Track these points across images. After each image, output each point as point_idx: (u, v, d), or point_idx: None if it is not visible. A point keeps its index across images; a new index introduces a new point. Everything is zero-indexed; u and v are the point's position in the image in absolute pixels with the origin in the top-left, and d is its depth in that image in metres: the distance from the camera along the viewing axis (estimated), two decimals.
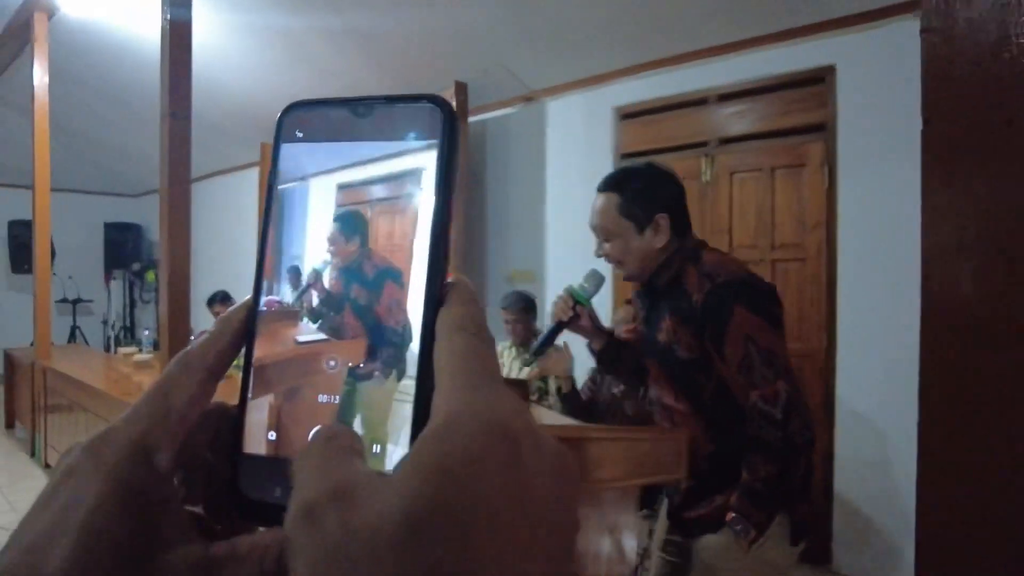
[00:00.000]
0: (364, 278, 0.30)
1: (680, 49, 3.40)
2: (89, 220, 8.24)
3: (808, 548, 1.58)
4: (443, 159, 0.30)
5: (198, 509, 0.28)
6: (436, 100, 0.31)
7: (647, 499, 1.88)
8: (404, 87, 4.44)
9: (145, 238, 8.42)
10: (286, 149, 0.33)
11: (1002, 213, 0.85)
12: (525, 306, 3.22)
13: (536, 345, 1.61)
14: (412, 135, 0.31)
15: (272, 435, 0.28)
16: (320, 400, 0.28)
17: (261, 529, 0.27)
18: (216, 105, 5.14)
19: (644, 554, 2.47)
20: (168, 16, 2.78)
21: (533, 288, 4.13)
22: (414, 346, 0.27)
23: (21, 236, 7.53)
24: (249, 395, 0.29)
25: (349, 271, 0.30)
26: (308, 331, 0.31)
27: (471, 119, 4.21)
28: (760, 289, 1.41)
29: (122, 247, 8.11)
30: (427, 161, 0.30)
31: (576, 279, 1.54)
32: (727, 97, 3.32)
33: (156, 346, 4.80)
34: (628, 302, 2.87)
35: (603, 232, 1.52)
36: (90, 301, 8.16)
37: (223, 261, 6.99)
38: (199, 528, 0.26)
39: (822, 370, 3.00)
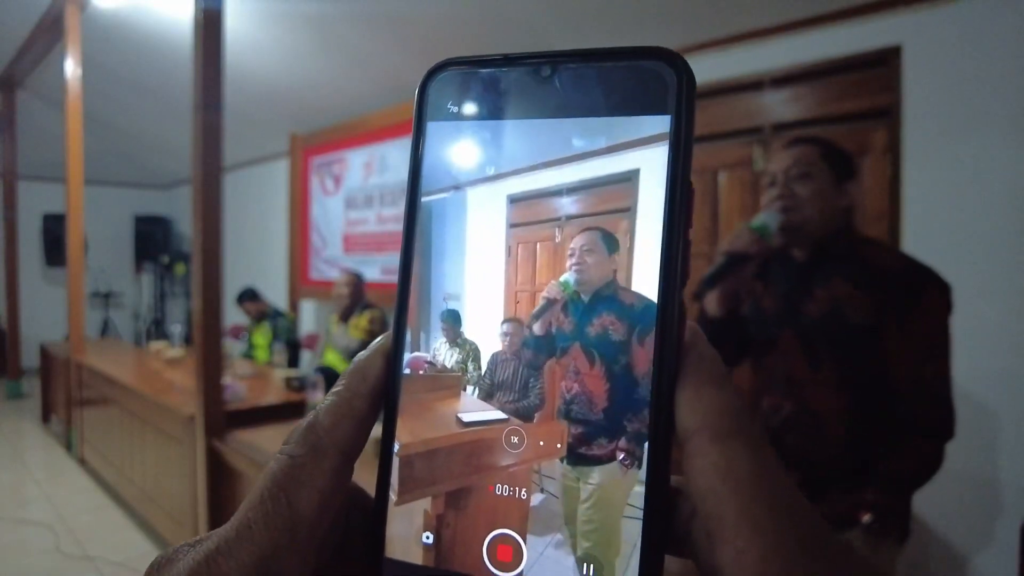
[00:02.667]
0: (620, 313, 0.18)
1: (731, 30, 3.23)
2: (119, 212, 8.29)
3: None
4: (677, 150, 0.19)
5: None
6: (667, 56, 0.21)
7: None
8: None
9: (174, 230, 8.44)
10: (434, 130, 0.22)
11: None
12: None
13: (706, 278, 1.47)
14: (629, 106, 0.20)
15: (428, 537, 0.21)
16: (498, 494, 0.20)
17: None
18: (245, 94, 5.07)
19: None
20: (201, 6, 2.69)
21: None
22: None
23: (55, 229, 7.59)
24: (393, 484, 0.21)
25: (595, 302, 0.19)
26: (475, 407, 0.21)
27: None
28: (944, 281, 1.40)
29: (152, 240, 8.14)
30: (650, 153, 0.19)
31: None
32: (781, 81, 3.14)
33: (187, 340, 4.77)
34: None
35: (799, 167, 1.43)
36: (121, 294, 8.22)
37: (252, 253, 6.96)
38: None
39: None
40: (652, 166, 0.19)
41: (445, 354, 0.21)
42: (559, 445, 0.19)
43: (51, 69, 5.78)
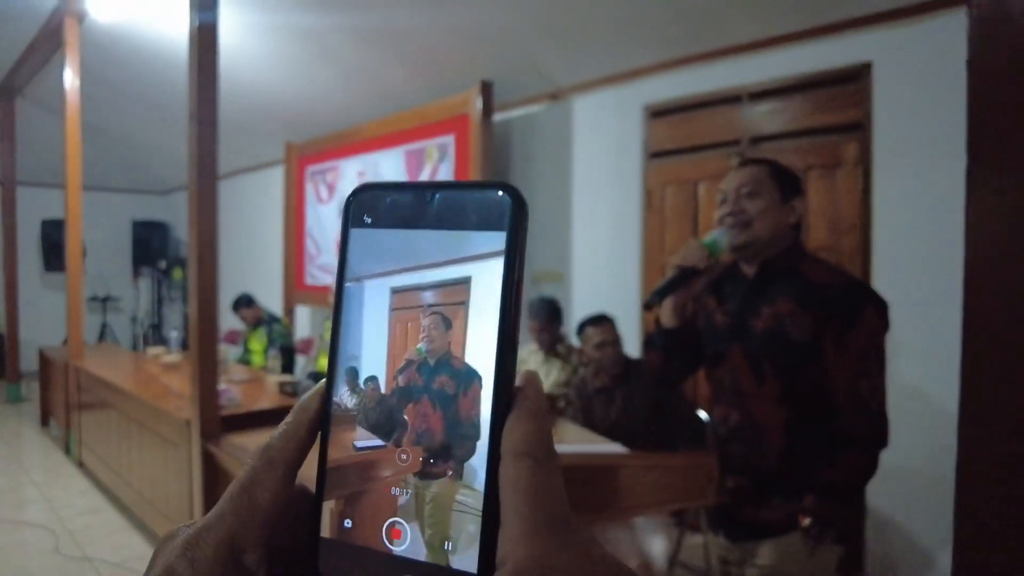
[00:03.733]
0: (455, 374, 0.28)
1: (712, 45, 3.33)
2: (117, 218, 8.37)
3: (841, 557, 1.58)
4: (510, 255, 0.28)
5: None
6: (506, 188, 0.30)
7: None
8: (430, 85, 4.42)
9: (172, 235, 8.53)
10: (354, 235, 0.31)
11: None
12: (550, 315, 3.20)
13: (659, 289, 1.57)
14: (479, 224, 0.29)
15: (348, 523, 0.29)
16: (392, 493, 0.28)
17: None
18: (241, 104, 5.16)
19: (671, 565, 2.45)
20: (196, 22, 2.78)
21: (559, 288, 4.10)
22: (480, 448, 0.27)
23: (53, 235, 7.66)
24: (329, 487, 0.29)
25: (437, 365, 0.28)
26: (364, 436, 0.30)
27: (496, 117, 4.17)
28: (882, 299, 1.48)
29: (149, 244, 8.22)
30: (495, 254, 0.28)
31: (604, 279, 1.46)
32: (759, 95, 3.25)
33: (184, 346, 4.86)
34: (587, 324, 2.83)
35: (747, 188, 1.51)
36: (119, 298, 8.30)
37: (248, 258, 7.05)
38: None
39: None
40: (485, 271, 0.29)
41: (347, 399, 0.31)
42: (417, 463, 0.28)
43: (50, 77, 5.87)
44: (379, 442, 0.29)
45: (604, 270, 3.91)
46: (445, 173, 4.36)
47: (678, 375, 1.76)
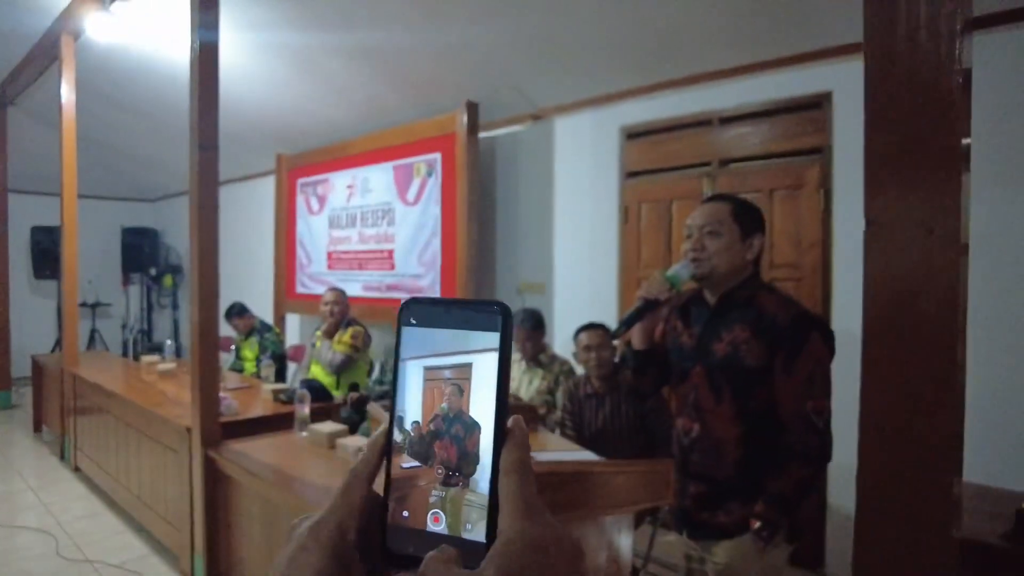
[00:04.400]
0: (464, 423, 0.45)
1: (685, 72, 3.54)
2: (107, 224, 8.44)
3: (802, 552, 1.75)
4: (502, 348, 0.45)
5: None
6: (499, 305, 0.46)
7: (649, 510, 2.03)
8: (417, 104, 4.59)
9: (162, 242, 8.61)
10: (405, 331, 0.48)
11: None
12: (535, 324, 3.37)
13: (624, 319, 1.75)
14: (482, 327, 0.46)
15: (405, 513, 0.43)
16: (430, 495, 0.43)
17: (402, 573, 0.43)
18: (232, 116, 5.29)
19: (645, 560, 2.64)
20: (197, 43, 2.92)
21: (542, 299, 4.29)
22: (479, 469, 0.43)
23: (43, 242, 7.74)
24: (392, 491, 0.44)
25: (453, 418, 0.45)
26: (409, 460, 0.47)
27: (481, 135, 4.35)
28: (829, 327, 1.68)
29: (139, 251, 8.30)
30: (491, 349, 0.45)
31: (583, 290, 1.61)
32: (729, 120, 3.45)
33: (178, 353, 4.99)
34: (584, 329, 3.03)
35: (710, 226, 1.69)
36: (108, 304, 8.37)
37: (239, 266, 7.17)
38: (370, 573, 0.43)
39: None
40: (485, 357, 0.45)
41: (399, 436, 0.47)
42: (442, 477, 0.45)
43: (41, 89, 5.98)
44: (419, 464, 0.45)
45: (584, 282, 4.11)
46: (433, 188, 4.53)
47: (649, 389, 1.95)
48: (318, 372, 4.20)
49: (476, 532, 0.40)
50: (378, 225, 5.01)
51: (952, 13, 1.05)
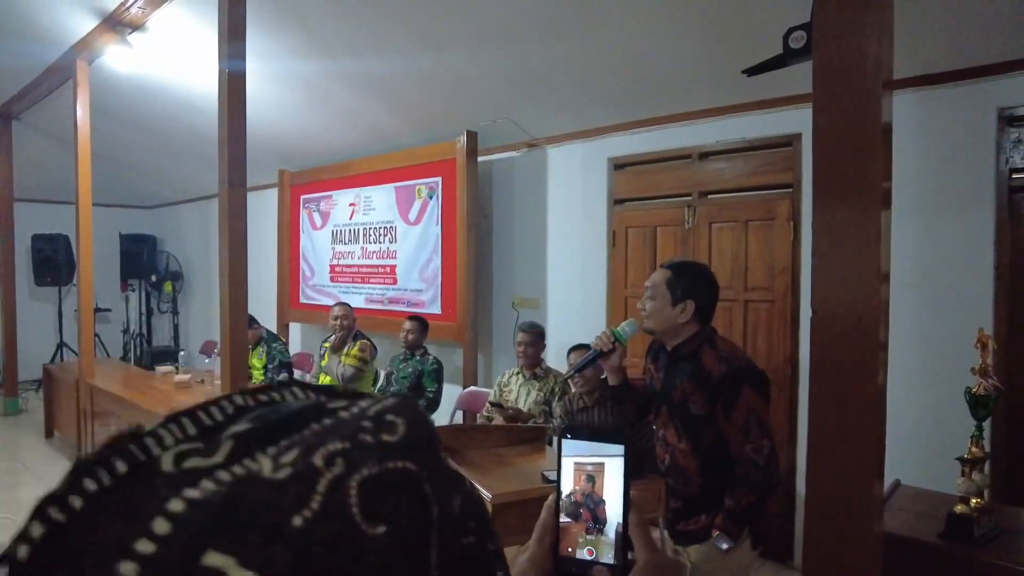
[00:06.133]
0: (595, 499, 0.75)
1: (668, 111, 3.86)
2: (105, 232, 8.60)
3: (773, 547, 2.08)
4: (625, 453, 0.77)
5: None
6: (624, 435, 0.78)
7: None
8: (419, 131, 4.89)
9: (160, 249, 8.82)
10: (564, 442, 0.79)
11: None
12: (540, 332, 3.71)
13: (576, 366, 2.09)
14: (612, 440, 0.77)
15: (569, 549, 0.72)
16: (582, 537, 0.72)
17: None
18: None
19: None
20: (225, 76, 3.18)
21: (535, 314, 4.61)
22: (608, 525, 0.73)
23: (44, 250, 7.92)
24: (559, 535, 0.72)
25: (590, 495, 0.76)
26: (566, 518, 0.78)
27: (480, 159, 4.65)
28: (760, 375, 1.97)
29: (138, 258, 8.49)
30: (618, 455, 0.76)
31: (574, 307, 1.87)
32: (708, 155, 3.79)
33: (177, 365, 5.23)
34: (575, 348, 3.39)
35: (649, 291, 2.03)
36: (108, 310, 8.57)
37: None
38: None
39: (787, 394, 3.49)
40: (613, 460, 0.77)
41: (561, 504, 0.78)
42: (587, 528, 0.73)
43: (45, 103, 6.18)
44: (571, 520, 0.73)
45: (575, 299, 4.44)
46: (434, 210, 4.83)
47: (631, 416, 2.28)
48: (327, 383, 4.49)
49: (610, 559, 0.70)
50: (380, 242, 5.30)
51: (875, 76, 1.35)
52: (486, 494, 1.52)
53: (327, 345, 4.73)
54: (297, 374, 5.52)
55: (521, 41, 3.59)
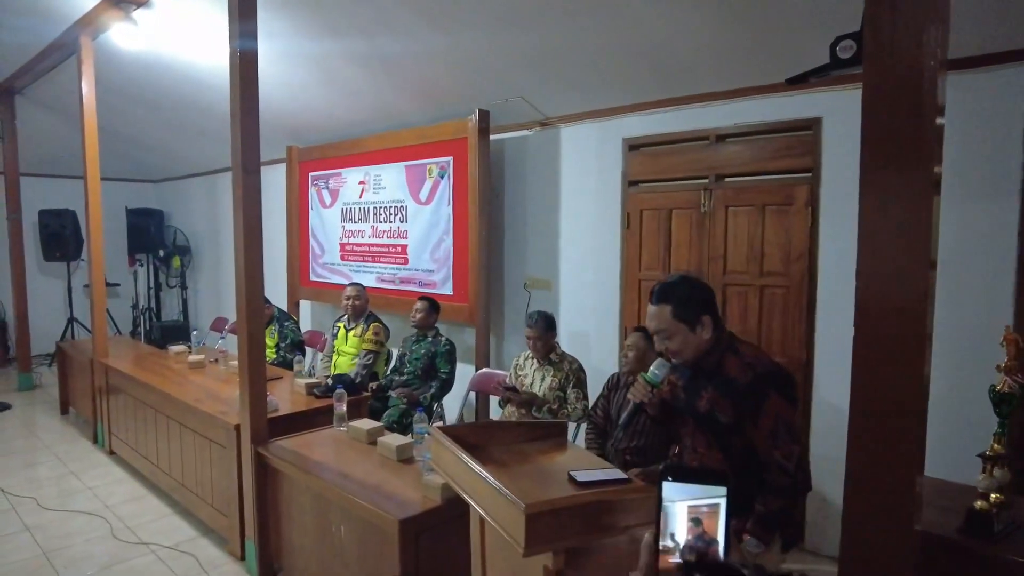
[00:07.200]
0: (706, 539, 0.76)
1: (684, 92, 3.79)
2: (111, 206, 8.55)
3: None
4: (727, 497, 0.77)
5: None
6: (724, 480, 0.78)
7: None
8: (431, 109, 4.81)
9: (167, 223, 8.79)
10: (665, 484, 0.79)
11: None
12: (546, 325, 3.69)
13: (622, 423, 2.16)
14: (717, 482, 0.78)
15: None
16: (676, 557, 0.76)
17: None
18: None
19: None
20: (237, 55, 3.12)
21: (548, 296, 4.61)
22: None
23: (51, 225, 7.90)
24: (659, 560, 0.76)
25: (699, 536, 0.77)
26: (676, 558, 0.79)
27: (492, 138, 4.60)
28: (787, 379, 1.95)
29: (145, 232, 8.47)
30: (721, 496, 0.77)
31: (587, 289, 1.83)
32: (725, 137, 3.73)
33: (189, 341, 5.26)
34: (636, 329, 3.36)
35: (663, 333, 2.00)
36: (117, 284, 8.58)
37: None
38: None
39: (802, 380, 3.50)
40: (717, 503, 0.77)
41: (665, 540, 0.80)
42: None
43: (48, 78, 6.10)
44: (680, 561, 0.76)
45: (588, 281, 4.43)
46: (445, 190, 4.79)
47: (674, 434, 2.30)
48: (343, 364, 4.52)
49: None
50: (391, 221, 5.27)
51: (932, 55, 1.26)
52: (518, 502, 1.52)
53: (340, 324, 4.74)
54: (308, 352, 5.55)
55: (535, 18, 3.51)
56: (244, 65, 3.11)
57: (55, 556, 3.51)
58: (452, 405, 4.54)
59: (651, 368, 2.05)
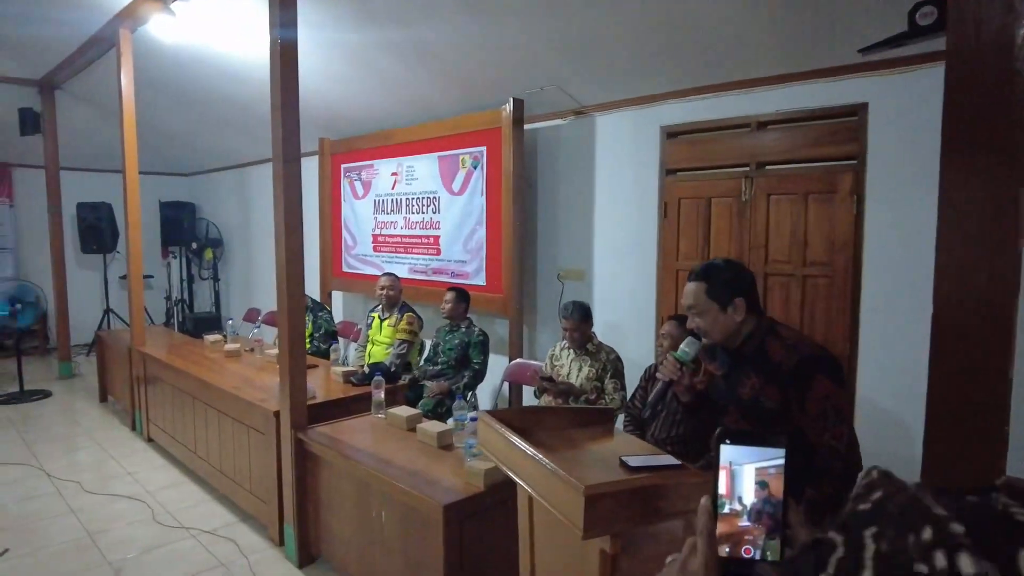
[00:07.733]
0: (773, 503, 0.74)
1: (725, 78, 3.73)
2: (145, 199, 8.69)
3: None
4: (787, 462, 0.74)
5: None
6: (782, 442, 0.76)
7: None
8: (465, 99, 4.80)
9: (199, 216, 8.90)
10: (723, 447, 0.77)
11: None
12: (582, 316, 3.66)
13: (652, 402, 2.09)
14: (774, 443, 0.75)
15: (727, 549, 0.72)
16: (749, 538, 0.72)
17: None
18: None
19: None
20: (277, 44, 3.14)
21: (581, 286, 4.58)
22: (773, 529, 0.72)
23: (88, 218, 8.05)
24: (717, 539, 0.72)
25: (767, 499, 0.74)
26: (744, 521, 0.76)
27: (525, 127, 4.57)
28: (833, 362, 1.90)
29: (178, 225, 8.60)
30: (780, 456, 0.74)
31: (622, 280, 1.82)
32: (767, 124, 3.67)
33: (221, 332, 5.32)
34: (671, 318, 3.32)
35: (695, 309, 1.98)
36: (151, 276, 8.72)
37: None
38: None
39: (846, 369, 3.43)
40: (777, 466, 0.76)
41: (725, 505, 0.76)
42: (760, 531, 0.73)
43: (87, 72, 6.19)
44: (750, 524, 0.73)
45: (623, 271, 4.38)
46: (478, 180, 4.78)
47: (708, 423, 2.26)
48: (378, 353, 4.55)
49: (776, 558, 0.71)
50: (424, 212, 5.28)
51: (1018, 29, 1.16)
52: (577, 485, 1.50)
53: (375, 314, 4.77)
54: (341, 342, 5.58)
55: (570, 5, 3.47)
56: (284, 54, 3.13)
57: (99, 538, 3.58)
58: (484, 396, 4.53)
59: (681, 346, 2.02)
